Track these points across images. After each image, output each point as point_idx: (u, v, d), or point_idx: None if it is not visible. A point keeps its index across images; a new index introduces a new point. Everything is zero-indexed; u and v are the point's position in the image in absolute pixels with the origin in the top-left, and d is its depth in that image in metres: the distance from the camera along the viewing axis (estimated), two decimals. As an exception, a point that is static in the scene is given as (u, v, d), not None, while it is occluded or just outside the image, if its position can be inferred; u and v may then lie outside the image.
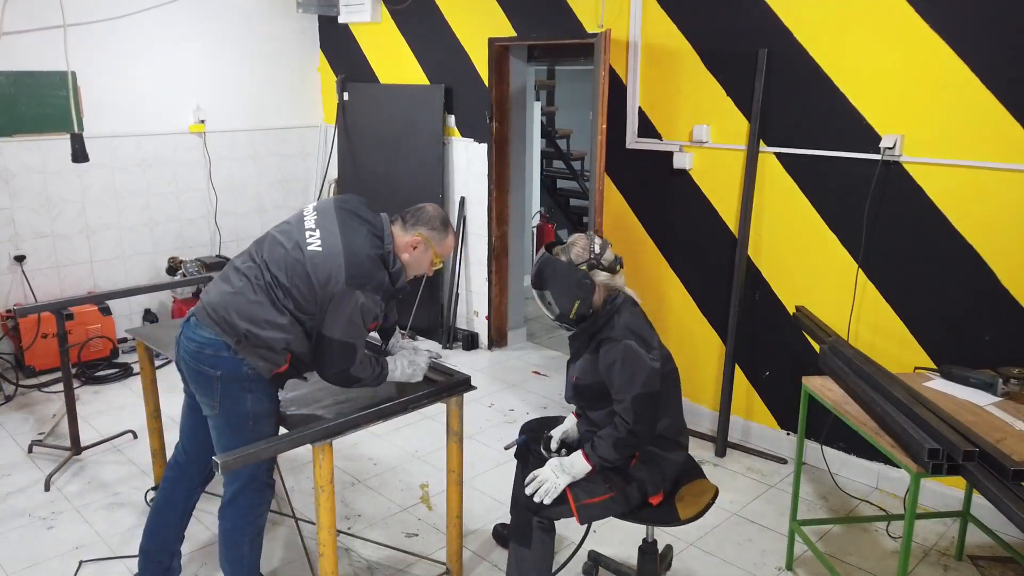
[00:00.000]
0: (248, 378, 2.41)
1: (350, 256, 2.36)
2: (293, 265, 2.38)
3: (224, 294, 2.44)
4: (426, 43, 5.37)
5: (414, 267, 2.56)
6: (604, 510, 2.52)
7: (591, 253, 2.53)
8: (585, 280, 2.49)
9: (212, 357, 2.40)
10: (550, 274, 2.54)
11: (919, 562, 3.12)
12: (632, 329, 2.46)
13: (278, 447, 2.35)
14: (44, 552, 3.11)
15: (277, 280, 2.39)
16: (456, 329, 5.59)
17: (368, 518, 3.40)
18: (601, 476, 2.53)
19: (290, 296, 2.39)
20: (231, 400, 2.43)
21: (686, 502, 2.57)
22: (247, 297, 2.40)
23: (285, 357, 2.44)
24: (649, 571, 2.73)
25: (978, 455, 2.17)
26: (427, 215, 2.55)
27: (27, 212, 4.89)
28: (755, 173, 3.82)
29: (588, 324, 2.55)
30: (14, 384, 4.64)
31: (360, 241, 2.41)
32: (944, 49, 3.19)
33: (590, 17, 4.39)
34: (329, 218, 2.46)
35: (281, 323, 2.38)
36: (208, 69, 5.56)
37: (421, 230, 2.52)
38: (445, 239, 2.58)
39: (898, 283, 3.47)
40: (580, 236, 2.59)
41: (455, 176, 5.44)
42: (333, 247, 2.38)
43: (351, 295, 2.34)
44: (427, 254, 2.55)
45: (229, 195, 5.82)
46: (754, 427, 4.09)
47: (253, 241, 2.58)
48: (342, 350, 2.39)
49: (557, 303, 2.53)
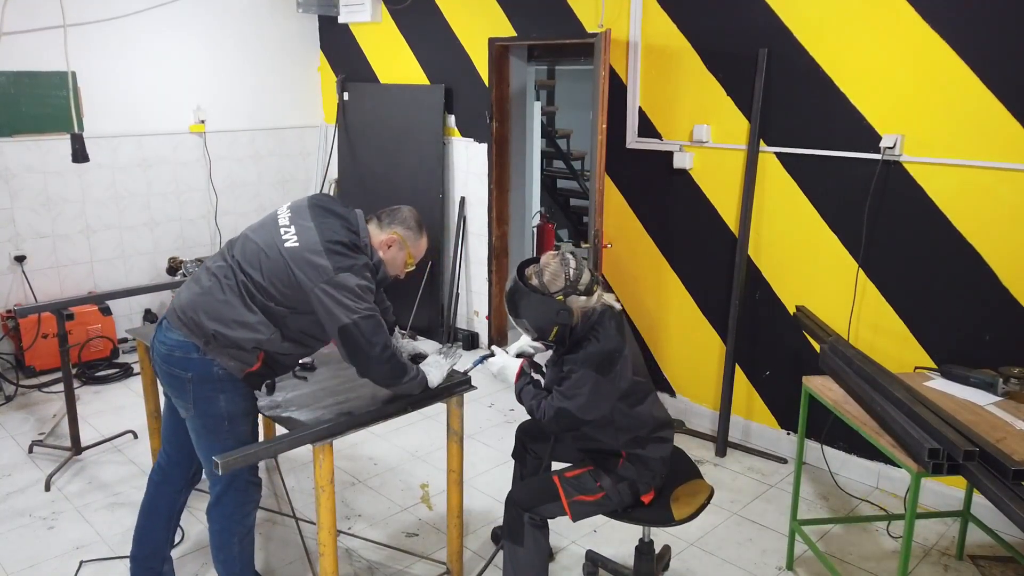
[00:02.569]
0: (219, 378, 2.41)
1: (328, 245, 2.35)
2: (269, 262, 2.38)
3: (193, 295, 2.44)
4: (426, 43, 5.37)
5: (389, 266, 2.55)
6: (596, 507, 2.52)
7: (566, 280, 2.43)
8: (563, 310, 2.42)
9: (182, 359, 2.40)
10: (524, 304, 2.46)
11: (919, 562, 3.12)
12: (599, 356, 2.40)
13: (278, 447, 2.35)
14: (44, 552, 3.11)
15: (251, 278, 2.38)
16: (456, 329, 5.59)
17: (368, 518, 3.40)
18: (591, 475, 2.54)
19: (266, 293, 2.38)
20: (204, 402, 2.43)
21: (681, 502, 2.57)
22: (215, 297, 2.40)
23: (257, 356, 2.43)
24: (646, 571, 2.73)
25: (978, 455, 2.17)
26: (402, 215, 2.56)
27: (27, 212, 4.89)
28: (755, 173, 3.82)
29: (566, 341, 2.49)
30: (14, 384, 4.64)
31: (335, 231, 2.40)
32: (944, 49, 3.18)
33: (590, 17, 4.39)
34: (302, 214, 2.45)
35: (250, 322, 2.37)
36: (208, 69, 5.56)
37: (396, 229, 2.53)
38: (419, 240, 2.58)
39: (898, 283, 3.47)
40: (551, 259, 2.48)
41: (455, 176, 5.44)
42: (309, 239, 2.37)
43: (343, 278, 2.32)
44: (401, 253, 2.55)
45: (229, 195, 5.82)
46: (754, 427, 4.09)
47: (226, 242, 2.57)
48: (370, 324, 2.33)
49: (535, 328, 2.49)
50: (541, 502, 2.53)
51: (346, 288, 2.31)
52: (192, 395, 2.42)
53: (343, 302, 2.30)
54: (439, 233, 5.49)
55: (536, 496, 2.55)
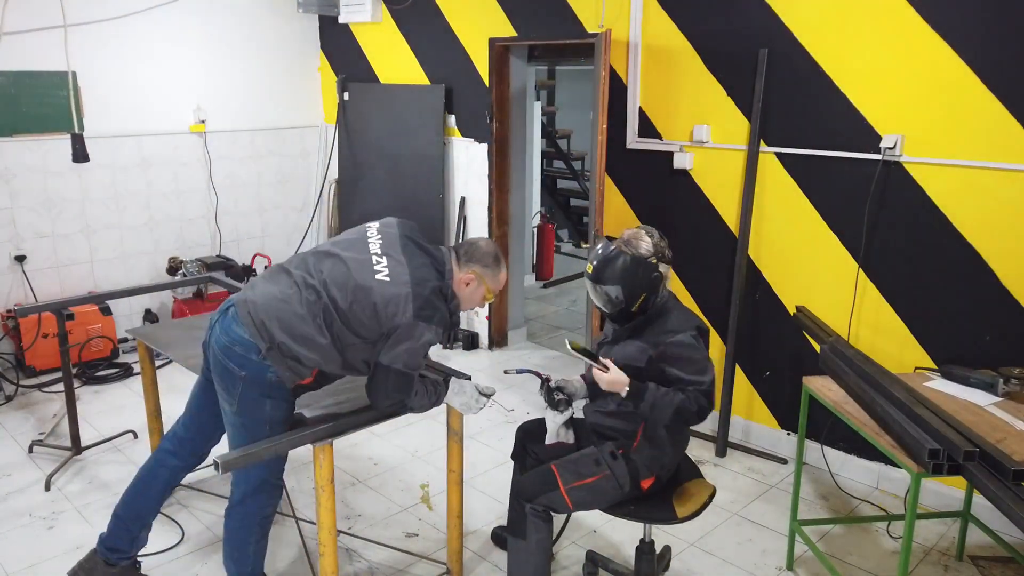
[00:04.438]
0: (270, 384, 2.39)
1: (417, 289, 2.35)
2: (356, 291, 2.36)
3: (269, 297, 2.40)
4: (426, 43, 5.37)
5: (467, 302, 2.57)
6: (594, 493, 2.51)
7: (656, 248, 2.52)
8: (655, 274, 2.49)
9: (240, 356, 2.37)
10: (620, 267, 2.49)
11: (919, 562, 3.12)
12: (691, 321, 2.53)
13: (278, 447, 2.35)
14: (44, 552, 3.11)
15: (335, 302, 2.36)
16: (456, 329, 5.59)
17: (368, 518, 3.40)
18: (591, 458, 2.53)
19: (344, 319, 2.36)
20: (251, 403, 2.41)
21: (683, 500, 2.57)
22: (292, 309, 2.36)
23: (312, 372, 2.43)
24: (646, 572, 2.73)
25: (978, 455, 2.17)
26: (480, 252, 2.54)
27: (28, 212, 4.89)
28: (755, 173, 3.82)
29: (641, 315, 2.54)
30: (15, 384, 4.64)
31: (426, 274, 2.40)
32: (944, 49, 3.18)
33: (590, 17, 4.39)
34: (394, 246, 2.44)
35: (320, 343, 2.36)
36: (208, 69, 5.56)
37: (475, 267, 2.52)
38: (498, 275, 2.57)
39: (899, 283, 3.47)
40: (638, 230, 2.57)
41: (455, 176, 5.44)
42: (401, 277, 2.36)
43: (417, 327, 2.33)
44: (480, 290, 2.55)
45: (229, 195, 5.82)
46: (754, 427, 4.09)
47: (311, 250, 2.54)
48: (399, 381, 2.38)
49: (625, 294, 2.49)
50: (541, 491, 2.52)
51: (411, 338, 2.34)
52: (240, 394, 2.40)
53: (400, 347, 2.34)
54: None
55: (536, 485, 2.55)
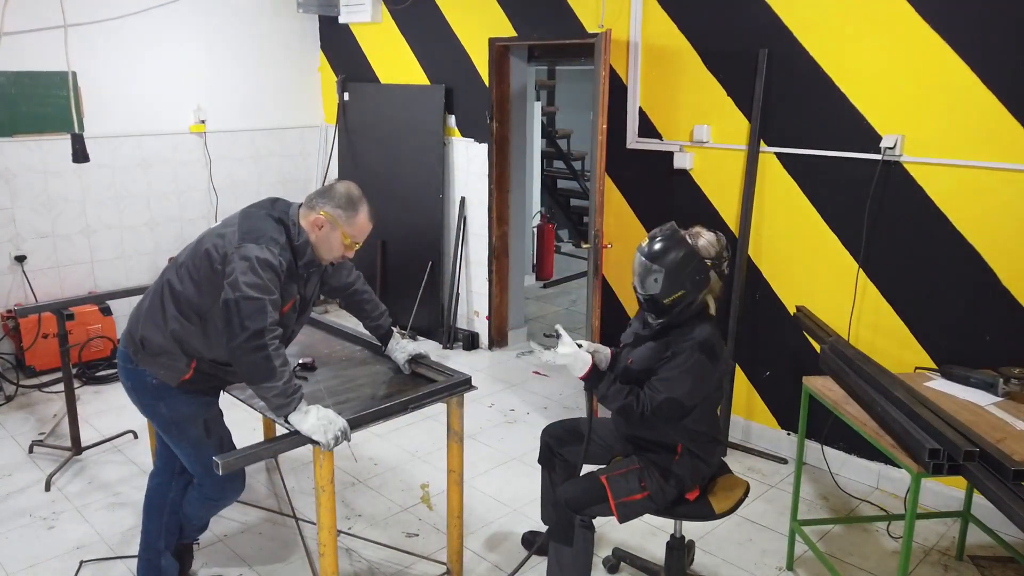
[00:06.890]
0: (155, 388, 2.49)
1: (243, 219, 2.39)
2: (194, 251, 2.41)
3: (134, 308, 2.57)
4: (426, 43, 5.37)
5: (324, 248, 2.44)
6: (643, 508, 2.53)
7: (717, 254, 2.43)
8: (701, 275, 2.39)
9: (124, 370, 2.53)
10: (675, 252, 2.39)
11: (920, 562, 3.12)
12: (709, 342, 2.41)
13: (278, 447, 2.35)
14: (45, 552, 3.11)
15: (170, 283, 2.44)
16: (456, 329, 5.59)
17: (368, 518, 3.40)
18: (637, 475, 2.53)
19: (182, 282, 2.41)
20: (149, 410, 2.55)
21: (718, 496, 2.59)
22: (143, 304, 2.51)
23: (187, 364, 2.46)
24: (678, 568, 2.74)
25: (979, 455, 2.17)
26: (333, 193, 2.43)
27: (28, 212, 4.89)
28: (755, 173, 3.82)
29: (670, 318, 2.45)
30: (15, 384, 4.64)
31: (257, 215, 2.41)
32: (944, 49, 3.18)
33: (590, 17, 4.39)
34: (235, 215, 2.49)
35: (171, 324, 2.42)
36: (208, 69, 5.56)
37: (325, 208, 2.40)
38: (354, 218, 2.42)
39: (899, 283, 3.47)
40: (711, 231, 2.48)
41: (455, 176, 5.44)
42: (229, 219, 2.44)
43: (244, 248, 2.28)
44: (335, 233, 2.42)
45: (229, 195, 5.81)
46: (755, 427, 4.09)
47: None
48: (250, 306, 2.20)
49: (663, 284, 2.39)
50: (591, 503, 2.52)
51: (245, 259, 2.24)
52: (138, 403, 2.55)
53: (236, 277, 2.22)
54: (439, 233, 5.49)
55: (586, 497, 2.54)
